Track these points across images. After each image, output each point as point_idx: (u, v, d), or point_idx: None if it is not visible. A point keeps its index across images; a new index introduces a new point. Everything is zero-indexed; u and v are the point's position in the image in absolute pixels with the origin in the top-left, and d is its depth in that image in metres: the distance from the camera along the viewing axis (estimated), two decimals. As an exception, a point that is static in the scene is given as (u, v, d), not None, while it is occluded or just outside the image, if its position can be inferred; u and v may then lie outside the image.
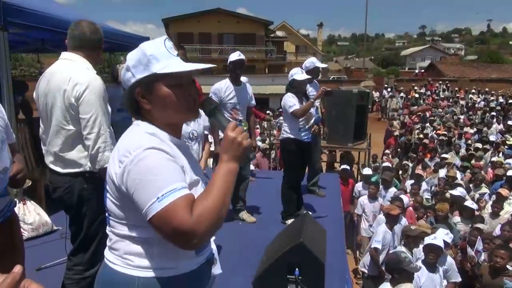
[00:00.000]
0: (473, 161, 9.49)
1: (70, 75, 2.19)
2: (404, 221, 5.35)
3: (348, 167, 7.65)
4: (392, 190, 6.70)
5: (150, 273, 1.25)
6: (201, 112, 1.44)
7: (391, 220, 4.93)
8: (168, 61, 1.29)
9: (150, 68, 1.28)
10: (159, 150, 1.21)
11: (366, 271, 5.00)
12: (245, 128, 4.34)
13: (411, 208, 6.08)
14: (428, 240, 4.13)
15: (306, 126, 4.45)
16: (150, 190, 1.15)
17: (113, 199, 1.27)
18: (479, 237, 4.90)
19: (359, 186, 7.08)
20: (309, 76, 4.48)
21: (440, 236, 4.12)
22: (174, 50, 1.32)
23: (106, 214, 1.33)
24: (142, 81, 1.29)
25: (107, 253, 1.34)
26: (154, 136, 1.26)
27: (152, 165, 1.18)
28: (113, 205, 1.28)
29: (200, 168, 1.43)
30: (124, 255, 1.27)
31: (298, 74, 4.40)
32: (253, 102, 4.59)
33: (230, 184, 1.24)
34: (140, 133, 1.28)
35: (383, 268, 4.56)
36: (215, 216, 1.17)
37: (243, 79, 4.56)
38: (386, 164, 8.24)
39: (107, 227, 1.34)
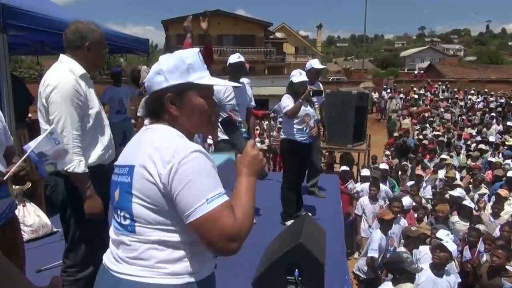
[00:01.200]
0: (469, 161, 9.49)
1: (46, 77, 2.22)
2: (403, 222, 5.35)
3: (348, 168, 7.65)
4: (382, 188, 6.69)
5: (185, 279, 1.24)
6: None
7: (385, 225, 4.91)
8: (202, 72, 1.34)
9: (187, 76, 1.30)
10: (204, 154, 1.23)
11: (361, 275, 4.98)
12: (244, 129, 4.34)
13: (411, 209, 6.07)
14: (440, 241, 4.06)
15: (305, 129, 4.46)
16: (199, 191, 1.17)
17: (146, 203, 1.22)
18: (481, 238, 4.88)
19: (358, 186, 7.08)
20: (305, 79, 4.47)
21: (452, 244, 3.98)
22: (205, 64, 1.39)
23: (127, 222, 1.26)
24: (175, 87, 1.30)
25: (126, 268, 1.24)
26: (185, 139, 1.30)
27: (201, 167, 1.20)
28: (146, 209, 1.22)
29: None
30: (156, 264, 1.22)
31: (295, 76, 4.44)
32: (253, 103, 4.59)
33: (254, 196, 1.30)
34: (174, 135, 1.28)
35: (384, 268, 4.55)
36: (251, 221, 1.25)
37: (245, 80, 4.57)
38: (382, 165, 8.23)
39: (127, 238, 1.26)
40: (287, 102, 4.38)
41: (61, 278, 2.21)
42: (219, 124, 3.59)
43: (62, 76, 2.19)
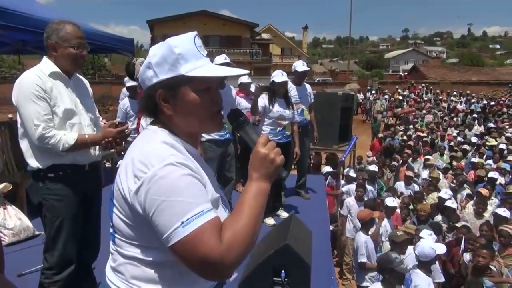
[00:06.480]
0: (454, 162, 9.64)
1: None
2: (385, 220, 5.43)
3: (333, 170, 7.67)
4: (369, 189, 6.81)
5: None
6: None
7: (367, 225, 4.95)
8: (198, 61, 1.14)
9: (178, 68, 1.12)
10: (182, 166, 1.06)
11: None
12: (226, 131, 4.33)
13: (398, 210, 6.13)
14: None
15: (278, 130, 4.50)
16: (173, 213, 1.01)
17: (122, 216, 1.11)
18: (463, 237, 4.95)
19: (343, 187, 7.13)
20: (285, 79, 4.53)
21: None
22: (204, 50, 1.18)
23: (111, 231, 1.18)
24: (166, 82, 1.13)
25: (110, 274, 1.19)
26: (174, 147, 1.11)
27: (175, 184, 1.02)
28: (122, 222, 1.12)
29: (215, 181, 1.30)
30: (131, 279, 1.12)
31: (277, 76, 4.55)
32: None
33: (262, 206, 1.10)
34: (158, 143, 1.10)
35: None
36: (246, 243, 1.04)
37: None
38: (371, 166, 8.30)
39: (111, 246, 1.19)
40: (261, 101, 4.49)
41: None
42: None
43: (25, 75, 2.20)
